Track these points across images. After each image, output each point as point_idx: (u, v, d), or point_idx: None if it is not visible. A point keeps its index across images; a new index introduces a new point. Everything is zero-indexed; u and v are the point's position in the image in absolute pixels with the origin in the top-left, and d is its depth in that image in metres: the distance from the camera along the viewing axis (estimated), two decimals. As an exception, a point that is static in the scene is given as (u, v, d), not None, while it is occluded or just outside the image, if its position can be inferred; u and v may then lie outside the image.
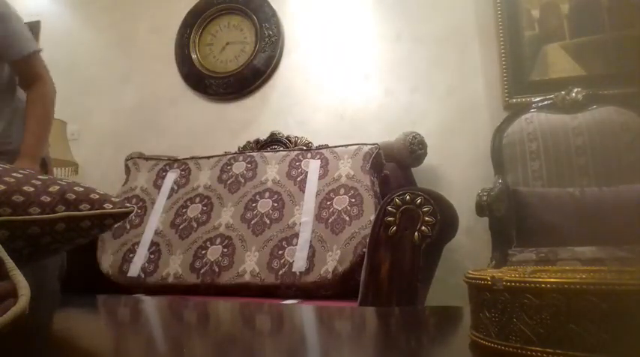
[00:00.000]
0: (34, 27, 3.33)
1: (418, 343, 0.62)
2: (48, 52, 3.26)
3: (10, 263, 0.53)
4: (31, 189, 0.82)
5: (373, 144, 2.04)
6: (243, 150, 2.51)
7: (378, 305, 1.24)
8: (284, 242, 1.83)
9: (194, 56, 2.87)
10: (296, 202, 1.93)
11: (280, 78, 2.75)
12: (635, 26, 2.16)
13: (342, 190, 1.89)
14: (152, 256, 1.98)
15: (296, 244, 1.81)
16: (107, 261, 2.08)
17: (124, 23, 3.15)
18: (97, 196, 0.88)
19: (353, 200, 1.84)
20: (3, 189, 0.79)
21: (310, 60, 2.70)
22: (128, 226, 2.13)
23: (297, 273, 1.74)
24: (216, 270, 1.83)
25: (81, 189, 0.88)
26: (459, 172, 2.33)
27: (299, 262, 1.76)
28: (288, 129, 2.57)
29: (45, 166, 1.68)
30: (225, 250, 1.88)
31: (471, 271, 0.48)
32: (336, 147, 2.09)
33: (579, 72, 2.23)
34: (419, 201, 1.27)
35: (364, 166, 1.93)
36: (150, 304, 1.13)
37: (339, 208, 1.84)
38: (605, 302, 0.36)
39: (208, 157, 2.25)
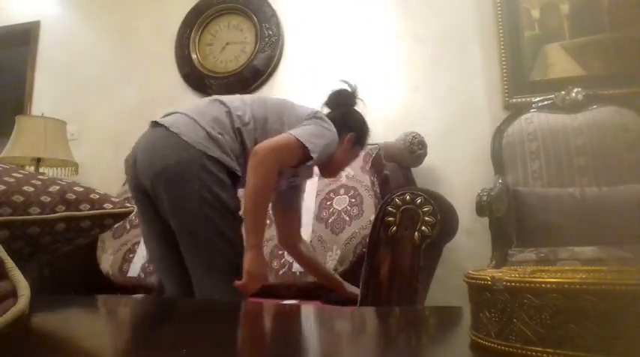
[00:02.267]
0: (34, 27, 3.33)
1: (418, 343, 0.62)
2: (48, 52, 3.30)
3: (10, 263, 0.53)
4: (31, 189, 0.82)
5: (373, 144, 2.04)
6: (243, 150, 2.51)
7: (378, 305, 1.24)
8: (284, 242, 1.83)
9: (194, 56, 2.87)
10: (296, 202, 1.93)
11: (280, 78, 2.75)
12: (635, 26, 2.16)
13: (342, 190, 1.89)
14: (152, 256, 1.97)
15: (296, 244, 1.80)
16: (107, 261, 2.08)
17: (124, 23, 3.15)
18: (97, 196, 0.88)
19: (353, 200, 1.84)
20: (3, 189, 0.79)
21: (310, 60, 2.70)
22: (128, 226, 2.14)
23: (297, 273, 1.74)
24: (216, 270, 1.83)
25: (81, 189, 0.88)
26: (459, 173, 2.33)
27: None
28: (288, 129, 2.57)
29: None
30: (225, 250, 1.87)
31: (471, 271, 0.48)
32: (336, 147, 2.08)
33: (579, 72, 2.23)
34: (419, 201, 1.27)
35: (364, 167, 1.93)
36: (149, 304, 1.13)
37: (339, 208, 1.84)
38: (605, 302, 0.36)
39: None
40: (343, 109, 1.56)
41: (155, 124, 1.37)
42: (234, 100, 1.43)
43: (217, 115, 1.36)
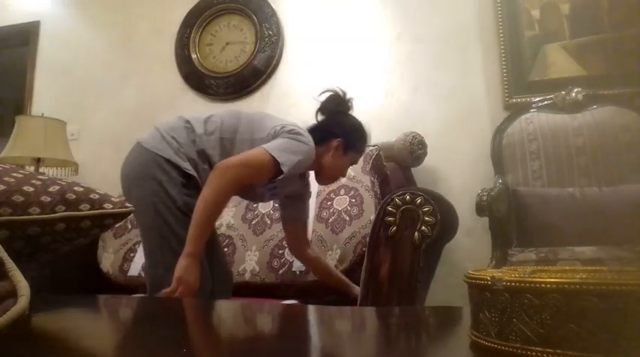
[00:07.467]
0: (34, 27, 3.34)
1: (418, 343, 0.62)
2: (48, 52, 3.30)
3: (10, 263, 0.53)
4: (31, 189, 0.82)
5: (374, 145, 2.04)
6: (243, 150, 2.51)
7: (378, 305, 1.24)
8: (284, 242, 1.83)
9: (194, 56, 2.87)
10: (296, 202, 1.93)
11: (280, 78, 2.75)
12: (635, 26, 2.16)
13: (342, 191, 1.89)
14: (152, 256, 1.97)
15: (296, 244, 1.80)
16: (108, 260, 2.08)
17: (124, 23, 3.15)
18: (97, 196, 0.88)
19: (353, 200, 1.84)
20: (3, 189, 0.79)
21: (310, 60, 2.70)
22: (129, 226, 2.14)
23: (297, 272, 1.74)
24: (217, 270, 1.83)
25: (81, 189, 0.88)
26: (459, 172, 2.33)
27: (299, 262, 1.76)
28: (288, 129, 2.56)
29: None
30: (226, 249, 1.88)
31: (471, 271, 0.48)
32: (336, 148, 2.09)
33: (579, 72, 2.23)
34: (419, 201, 1.27)
35: (364, 167, 1.93)
36: (150, 304, 1.13)
37: (340, 208, 1.84)
38: (605, 302, 0.36)
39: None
40: (333, 116, 1.59)
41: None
42: (202, 113, 1.54)
43: (174, 125, 1.49)
